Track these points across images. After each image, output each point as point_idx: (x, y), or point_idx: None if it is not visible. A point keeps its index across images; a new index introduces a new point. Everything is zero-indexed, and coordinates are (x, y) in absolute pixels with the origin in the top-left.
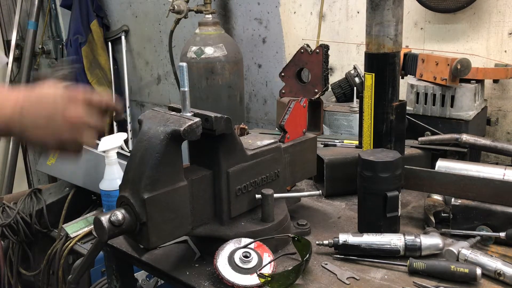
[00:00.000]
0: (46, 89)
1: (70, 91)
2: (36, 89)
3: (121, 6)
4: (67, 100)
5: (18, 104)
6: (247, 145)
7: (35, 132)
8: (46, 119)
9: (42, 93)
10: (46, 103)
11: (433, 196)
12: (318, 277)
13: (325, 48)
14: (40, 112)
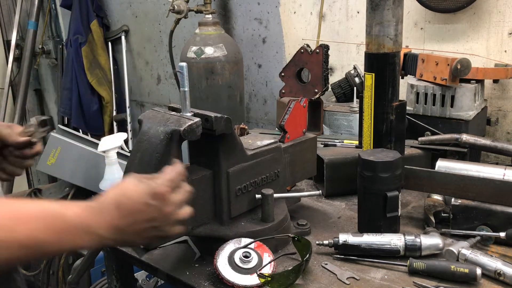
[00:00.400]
0: (132, 195)
1: (154, 187)
2: (121, 198)
3: (121, 6)
4: (157, 200)
5: (113, 224)
6: (247, 145)
7: (129, 241)
8: (140, 227)
9: (132, 203)
10: (139, 213)
11: (433, 196)
12: (318, 277)
13: (325, 48)
14: (134, 224)
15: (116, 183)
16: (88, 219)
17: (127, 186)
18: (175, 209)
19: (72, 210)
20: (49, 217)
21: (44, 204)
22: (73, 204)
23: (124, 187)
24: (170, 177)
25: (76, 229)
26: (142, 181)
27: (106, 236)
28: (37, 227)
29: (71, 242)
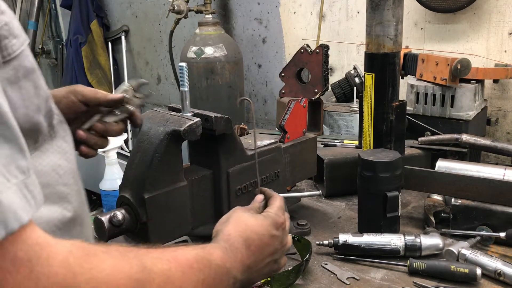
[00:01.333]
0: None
1: (275, 218)
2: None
3: (121, 6)
4: (280, 231)
5: (244, 264)
6: (247, 145)
7: (252, 280)
8: (264, 262)
9: (260, 238)
10: (266, 247)
11: (433, 196)
12: (318, 277)
13: (325, 48)
14: (261, 260)
15: (230, 218)
16: (228, 262)
17: (248, 220)
18: (288, 243)
19: (216, 254)
20: (205, 266)
21: (194, 250)
22: (212, 246)
23: (246, 222)
24: (280, 204)
25: (221, 275)
26: (259, 214)
27: (239, 278)
28: (197, 280)
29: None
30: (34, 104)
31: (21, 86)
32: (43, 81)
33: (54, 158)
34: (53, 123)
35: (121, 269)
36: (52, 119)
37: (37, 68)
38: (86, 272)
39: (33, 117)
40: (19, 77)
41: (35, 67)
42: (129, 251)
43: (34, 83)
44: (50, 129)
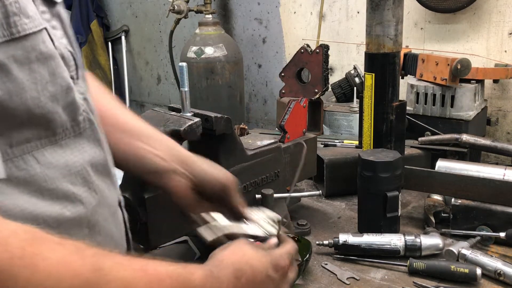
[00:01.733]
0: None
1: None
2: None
3: (121, 6)
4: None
5: None
6: (247, 145)
7: None
8: None
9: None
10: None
11: (433, 196)
12: (318, 277)
13: (325, 48)
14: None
15: (231, 245)
16: (208, 286)
17: (247, 251)
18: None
19: (197, 275)
20: (179, 284)
21: (170, 266)
22: (195, 267)
23: (244, 252)
24: (290, 249)
25: None
26: (262, 250)
27: None
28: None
29: None
30: (48, 91)
31: (33, 69)
32: (67, 73)
33: (71, 155)
34: (78, 119)
35: (70, 263)
36: (76, 114)
37: (59, 58)
38: (26, 257)
39: (47, 103)
40: (31, 59)
41: (54, 55)
42: (89, 250)
43: (51, 70)
44: (74, 125)
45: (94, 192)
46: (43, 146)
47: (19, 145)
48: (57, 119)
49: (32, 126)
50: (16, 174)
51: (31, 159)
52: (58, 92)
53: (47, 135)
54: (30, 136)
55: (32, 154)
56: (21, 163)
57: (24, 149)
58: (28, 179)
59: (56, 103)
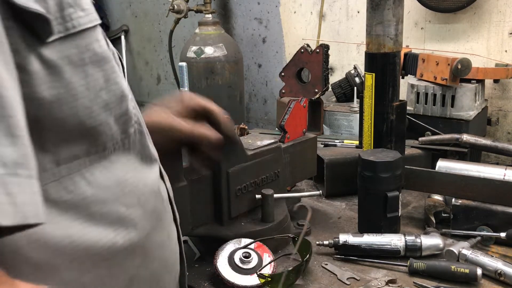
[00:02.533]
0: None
1: None
2: None
3: (121, 6)
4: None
5: None
6: (247, 145)
7: None
8: None
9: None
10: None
11: (433, 196)
12: (318, 277)
13: (325, 48)
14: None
15: None
16: None
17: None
18: None
19: None
20: None
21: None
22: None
23: None
24: None
25: None
26: None
27: None
28: None
29: None
30: (102, 99)
31: (87, 72)
32: (122, 79)
33: (121, 172)
34: (129, 131)
35: None
36: (128, 126)
37: (113, 60)
38: None
39: (99, 114)
40: (85, 61)
41: (109, 57)
42: None
43: (106, 74)
44: (124, 137)
45: (149, 214)
46: (92, 164)
47: (66, 163)
48: (107, 131)
49: (81, 140)
50: (65, 198)
51: (80, 179)
52: (112, 101)
53: (97, 150)
54: (79, 152)
55: (81, 173)
56: (69, 184)
57: (72, 167)
58: (78, 204)
59: (109, 113)
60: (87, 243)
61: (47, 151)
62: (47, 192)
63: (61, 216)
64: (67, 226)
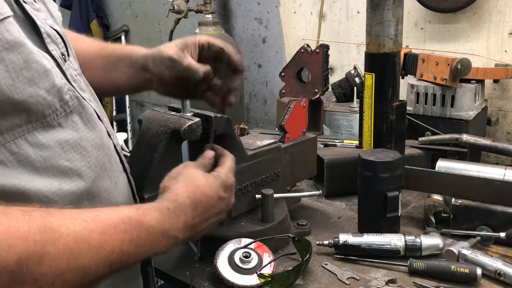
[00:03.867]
0: (206, 191)
1: (225, 180)
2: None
3: (121, 6)
4: (228, 193)
5: (188, 224)
6: (247, 145)
7: (196, 236)
8: (210, 221)
9: (207, 200)
10: (212, 208)
11: (433, 196)
12: (318, 277)
13: (325, 48)
14: (207, 219)
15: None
16: (167, 223)
17: (199, 180)
18: (231, 202)
19: (151, 216)
20: (133, 227)
21: (122, 211)
22: (149, 208)
23: (196, 183)
24: (231, 165)
25: (155, 236)
26: (209, 173)
27: (180, 237)
28: (122, 240)
29: (149, 250)
30: (24, 76)
31: (4, 57)
32: (42, 56)
33: (64, 133)
34: (65, 98)
35: (17, 230)
36: (62, 94)
37: (28, 44)
38: None
39: (25, 89)
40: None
41: (22, 41)
42: (36, 212)
43: (24, 56)
44: (62, 104)
45: (94, 165)
46: (34, 129)
47: (9, 131)
48: (41, 101)
49: (18, 112)
50: (10, 158)
51: (23, 142)
52: (36, 76)
53: (37, 117)
54: (19, 121)
55: (24, 137)
56: (13, 147)
57: (16, 133)
58: (22, 161)
59: (36, 86)
60: (33, 189)
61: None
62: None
63: (11, 171)
64: (13, 178)
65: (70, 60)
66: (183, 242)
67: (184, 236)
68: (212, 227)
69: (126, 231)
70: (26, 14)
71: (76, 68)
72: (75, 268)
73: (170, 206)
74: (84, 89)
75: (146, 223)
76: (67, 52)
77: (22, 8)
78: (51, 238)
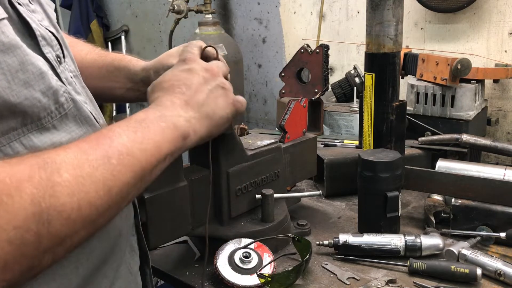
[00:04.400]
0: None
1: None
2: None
3: (121, 6)
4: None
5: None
6: (247, 145)
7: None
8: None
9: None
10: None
11: (433, 196)
12: (318, 277)
13: (325, 48)
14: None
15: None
16: (157, 111)
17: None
18: (218, 70)
19: (141, 114)
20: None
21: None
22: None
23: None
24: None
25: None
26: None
27: (185, 115)
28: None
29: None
30: (19, 78)
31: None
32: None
33: (58, 136)
34: (60, 101)
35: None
36: (57, 96)
37: (23, 46)
38: None
39: (21, 91)
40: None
41: (17, 44)
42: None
43: (19, 58)
44: (58, 106)
45: None
46: (30, 131)
47: (5, 135)
48: (37, 103)
49: (13, 115)
50: None
51: (18, 145)
52: (31, 79)
53: (33, 120)
54: (14, 124)
55: (20, 140)
56: (9, 150)
57: (11, 137)
58: None
59: (32, 88)
60: None
61: None
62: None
63: None
64: None
65: (66, 61)
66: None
67: (188, 113)
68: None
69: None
70: (20, 17)
71: (73, 70)
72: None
73: (153, 99)
74: (80, 91)
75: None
76: (63, 53)
77: (16, 11)
78: (55, 168)
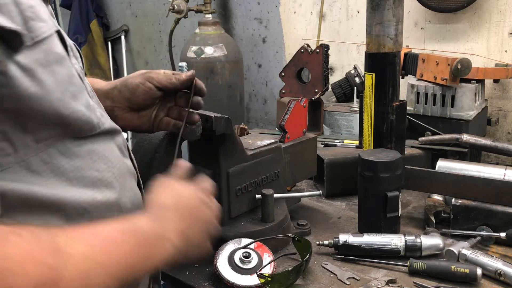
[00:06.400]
0: (185, 193)
1: (201, 184)
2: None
3: (121, 6)
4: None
5: (177, 228)
6: (247, 145)
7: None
8: (197, 228)
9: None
10: (195, 210)
11: (433, 196)
12: (318, 277)
13: (325, 48)
14: (194, 225)
15: (160, 187)
16: (158, 227)
17: (177, 186)
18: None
19: (142, 223)
20: (130, 237)
21: (114, 223)
22: (137, 216)
23: (175, 188)
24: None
25: (152, 240)
26: (187, 183)
27: (175, 242)
28: (124, 252)
29: (151, 257)
30: (69, 91)
31: (54, 70)
32: (77, 74)
33: (91, 143)
34: (97, 115)
35: (32, 255)
36: (94, 111)
37: (68, 58)
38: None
39: (70, 103)
40: (50, 62)
41: (65, 56)
42: (43, 232)
43: (68, 70)
44: (97, 121)
45: (118, 176)
46: (66, 138)
47: (43, 141)
48: (81, 117)
49: (59, 125)
50: (43, 167)
51: (54, 152)
52: (77, 91)
53: (73, 131)
54: (54, 132)
55: (55, 146)
56: (45, 156)
57: (48, 143)
58: (56, 171)
59: (78, 102)
60: (70, 199)
61: (28, 132)
62: (30, 163)
63: (46, 181)
64: (53, 188)
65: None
66: (179, 252)
67: (178, 241)
68: (204, 238)
69: (124, 242)
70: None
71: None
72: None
73: (156, 212)
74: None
75: (140, 229)
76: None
77: None
78: (62, 261)
